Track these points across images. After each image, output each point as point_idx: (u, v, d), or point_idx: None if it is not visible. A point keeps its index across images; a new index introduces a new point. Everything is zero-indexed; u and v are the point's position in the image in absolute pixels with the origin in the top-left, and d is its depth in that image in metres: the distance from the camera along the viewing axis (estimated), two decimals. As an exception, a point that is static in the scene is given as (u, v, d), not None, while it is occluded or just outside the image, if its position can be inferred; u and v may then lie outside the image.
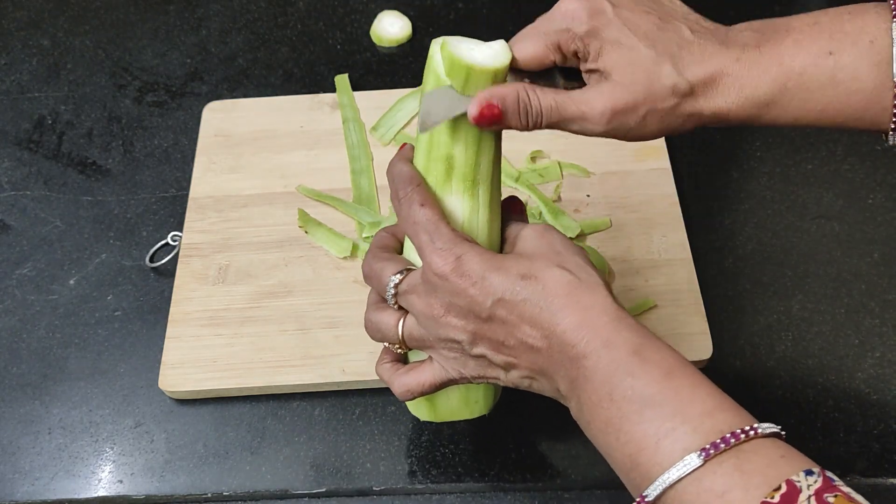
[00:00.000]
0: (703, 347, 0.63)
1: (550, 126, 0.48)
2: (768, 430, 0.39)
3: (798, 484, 0.36)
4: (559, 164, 0.73)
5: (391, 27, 0.86)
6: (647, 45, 0.46)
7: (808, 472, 0.37)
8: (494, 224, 0.49)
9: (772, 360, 0.64)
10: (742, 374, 0.64)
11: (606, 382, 0.41)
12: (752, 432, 0.39)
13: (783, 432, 0.40)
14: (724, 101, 0.47)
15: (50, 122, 0.82)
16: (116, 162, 0.78)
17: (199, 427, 0.62)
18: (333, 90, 0.81)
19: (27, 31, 0.89)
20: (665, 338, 0.62)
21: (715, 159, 0.76)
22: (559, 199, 0.71)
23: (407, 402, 0.56)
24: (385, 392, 0.62)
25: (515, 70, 0.47)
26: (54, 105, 0.83)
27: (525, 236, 0.47)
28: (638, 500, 0.40)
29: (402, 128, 0.77)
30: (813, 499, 0.35)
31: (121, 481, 0.61)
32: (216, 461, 0.61)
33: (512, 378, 0.46)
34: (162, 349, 0.64)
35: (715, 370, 0.63)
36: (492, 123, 0.45)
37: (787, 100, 0.47)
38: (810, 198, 0.73)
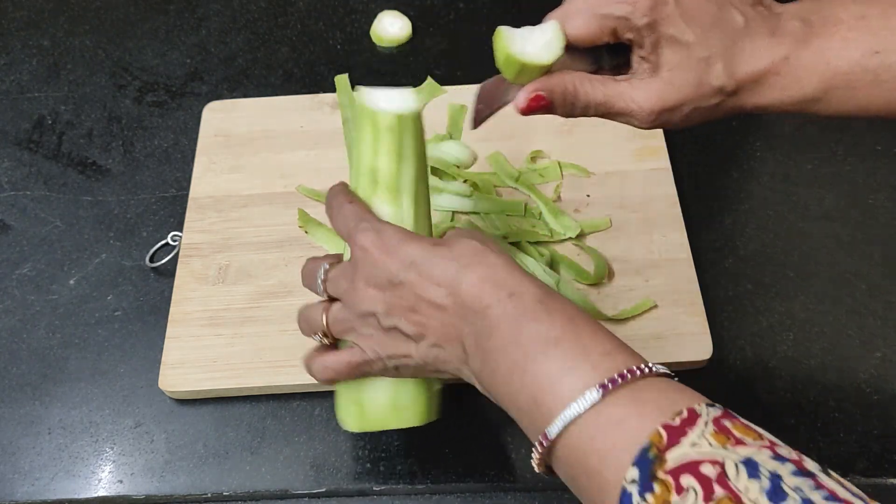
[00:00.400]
0: (703, 347, 0.63)
1: (595, 116, 0.50)
2: (662, 372, 0.41)
3: (698, 410, 0.37)
4: (559, 164, 0.73)
5: (391, 27, 0.86)
6: (701, 43, 0.47)
7: (710, 405, 0.38)
8: (421, 233, 0.51)
9: (773, 361, 0.64)
10: (742, 374, 0.64)
11: (513, 327, 0.43)
12: (647, 370, 0.40)
13: (675, 378, 0.42)
14: (767, 98, 0.48)
15: (50, 122, 0.82)
16: (116, 162, 0.78)
17: (199, 427, 0.62)
18: (333, 90, 0.80)
19: (27, 31, 0.89)
20: (665, 338, 0.63)
21: (715, 159, 0.76)
22: (559, 199, 0.71)
23: (337, 411, 0.54)
24: (385, 392, 0.62)
25: (566, 48, 0.48)
26: (54, 105, 0.83)
27: (448, 234, 0.49)
28: (540, 438, 0.41)
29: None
30: (711, 423, 0.37)
31: (121, 481, 0.61)
32: (216, 461, 0.61)
33: (422, 351, 0.47)
34: (162, 349, 0.64)
35: (715, 370, 0.63)
36: (539, 112, 0.48)
37: (831, 98, 0.48)
38: (811, 198, 0.73)
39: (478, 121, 0.51)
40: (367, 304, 0.47)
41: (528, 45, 0.47)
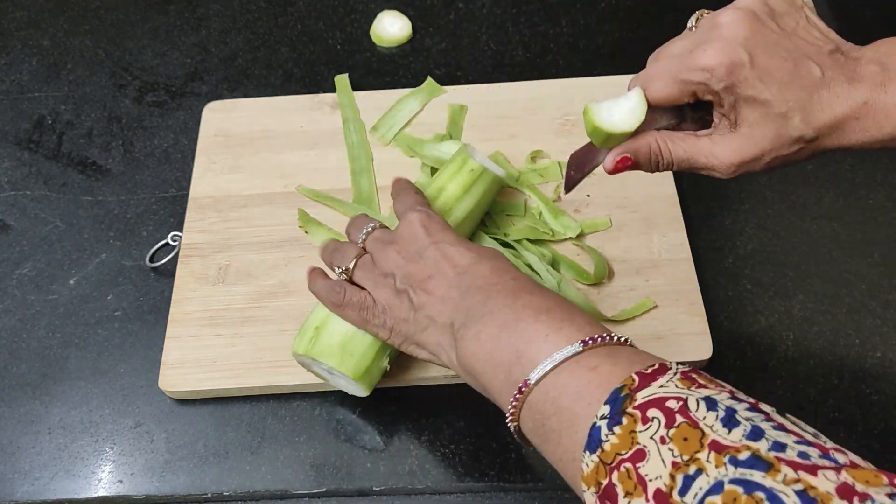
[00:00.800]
0: (703, 347, 0.63)
1: (679, 170, 0.53)
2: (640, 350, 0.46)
3: (669, 365, 0.42)
4: (559, 164, 0.73)
5: (391, 27, 0.86)
6: (779, 99, 0.48)
7: (680, 363, 0.43)
8: None
9: (773, 361, 0.64)
10: (742, 374, 0.64)
11: (509, 296, 0.49)
12: (626, 342, 0.46)
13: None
14: (849, 140, 0.49)
15: (50, 121, 0.82)
16: (116, 162, 0.78)
17: (199, 427, 0.62)
18: (333, 90, 0.81)
19: (27, 30, 0.89)
20: (665, 338, 0.63)
21: (715, 159, 0.76)
22: (559, 198, 0.71)
23: (296, 336, 0.60)
24: (385, 392, 0.62)
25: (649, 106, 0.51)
26: (54, 105, 0.83)
27: None
28: (519, 386, 0.45)
29: (402, 128, 0.77)
30: (679, 374, 0.41)
31: (121, 481, 0.61)
32: (216, 461, 0.61)
33: (417, 319, 0.52)
34: (162, 349, 0.64)
35: (715, 370, 0.63)
36: (625, 171, 0.53)
37: None
38: (811, 198, 0.73)
39: (570, 186, 0.57)
40: (391, 265, 0.54)
41: (614, 114, 0.51)
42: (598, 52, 0.84)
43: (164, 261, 0.70)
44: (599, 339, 0.45)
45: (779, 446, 0.35)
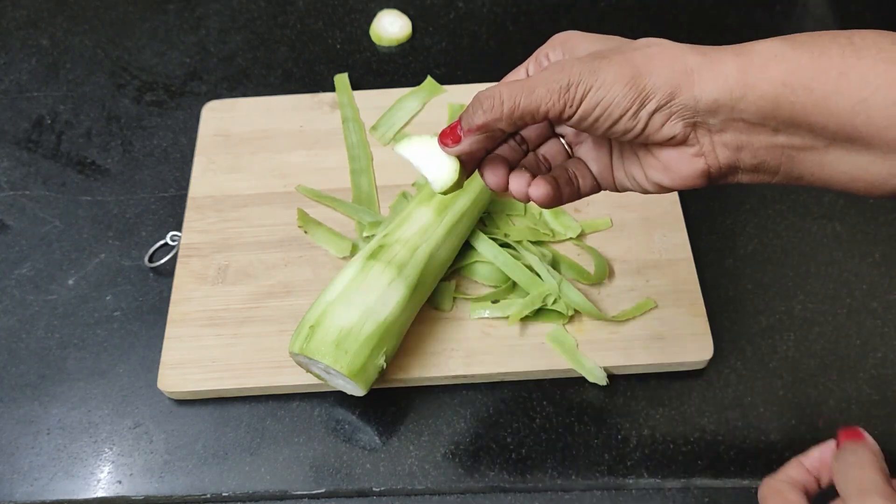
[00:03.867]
0: (703, 347, 0.63)
1: (529, 116, 0.42)
2: None
3: None
4: (559, 163, 0.73)
5: (391, 26, 0.86)
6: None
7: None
8: (449, 244, 0.64)
9: (773, 361, 0.64)
10: (743, 374, 0.64)
11: None
12: None
13: None
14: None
15: (49, 121, 0.81)
16: (115, 162, 0.78)
17: (198, 427, 0.62)
18: (333, 90, 0.81)
19: (26, 30, 0.89)
20: (665, 338, 0.63)
21: (715, 159, 0.76)
22: (559, 198, 0.71)
23: (293, 335, 0.58)
24: (385, 392, 0.62)
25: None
26: (53, 105, 0.83)
27: None
28: None
29: (402, 127, 0.77)
30: None
31: (120, 482, 0.60)
32: (215, 462, 0.61)
33: None
34: (161, 349, 0.64)
35: (715, 370, 0.63)
36: (454, 140, 0.44)
37: None
38: (811, 198, 0.73)
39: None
40: None
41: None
42: (598, 52, 0.84)
43: (163, 261, 0.70)
44: None
45: None
